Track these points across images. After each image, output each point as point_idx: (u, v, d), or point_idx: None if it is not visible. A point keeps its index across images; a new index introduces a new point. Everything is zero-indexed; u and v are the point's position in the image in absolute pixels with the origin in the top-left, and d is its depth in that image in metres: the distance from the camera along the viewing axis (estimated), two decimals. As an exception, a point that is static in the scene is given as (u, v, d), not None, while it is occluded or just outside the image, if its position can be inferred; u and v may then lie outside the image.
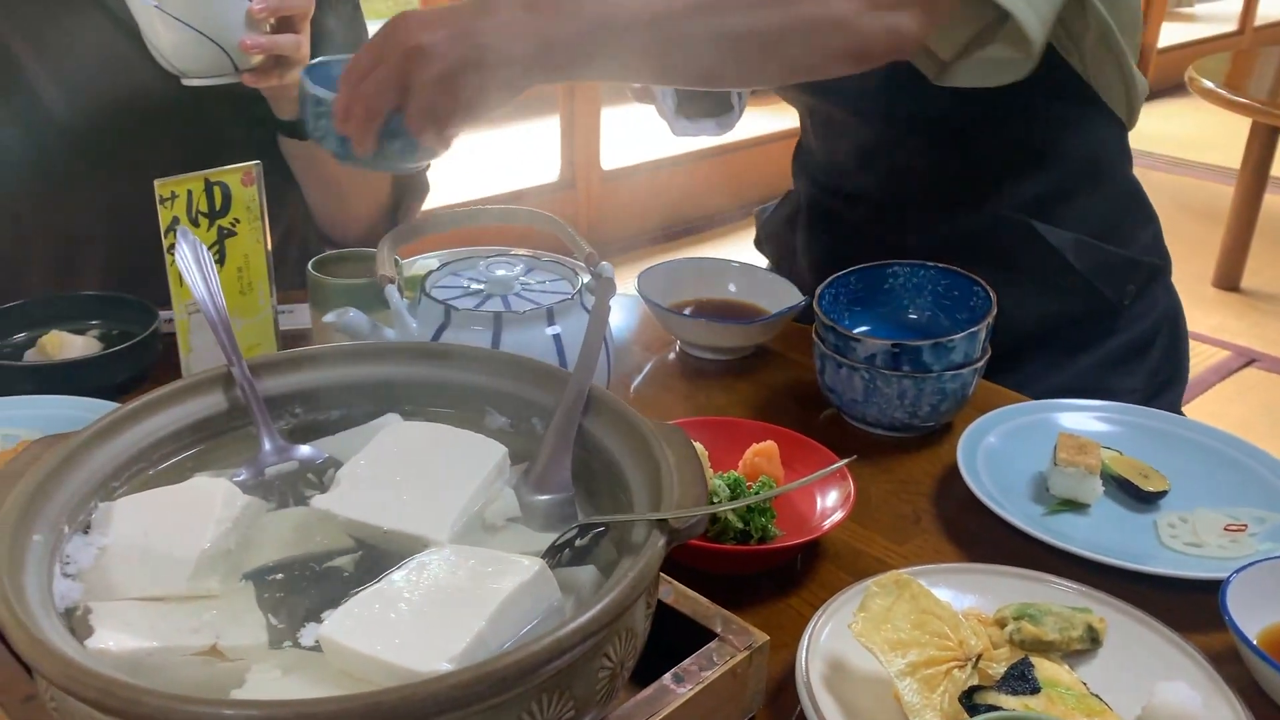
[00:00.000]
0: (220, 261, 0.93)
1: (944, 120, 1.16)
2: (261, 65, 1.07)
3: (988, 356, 1.02)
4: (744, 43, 0.89)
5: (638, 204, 3.52)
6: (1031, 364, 1.18)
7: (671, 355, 1.22)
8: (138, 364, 1.07)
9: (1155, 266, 1.22)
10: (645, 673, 0.65)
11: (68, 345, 1.08)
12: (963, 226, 1.19)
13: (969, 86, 1.01)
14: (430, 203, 1.44)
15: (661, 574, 0.72)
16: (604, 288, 0.79)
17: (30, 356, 1.09)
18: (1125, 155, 1.24)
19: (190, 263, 0.78)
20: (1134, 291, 1.20)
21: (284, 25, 1.07)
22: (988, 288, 1.04)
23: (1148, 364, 1.22)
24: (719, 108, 1.15)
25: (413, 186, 1.39)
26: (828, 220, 1.33)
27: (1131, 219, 1.24)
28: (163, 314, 1.13)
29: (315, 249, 1.22)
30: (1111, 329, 1.20)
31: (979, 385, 1.05)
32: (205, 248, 0.79)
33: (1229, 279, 3.46)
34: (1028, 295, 1.15)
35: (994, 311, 1.01)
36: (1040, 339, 1.19)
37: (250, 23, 1.03)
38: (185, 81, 1.06)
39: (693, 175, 3.70)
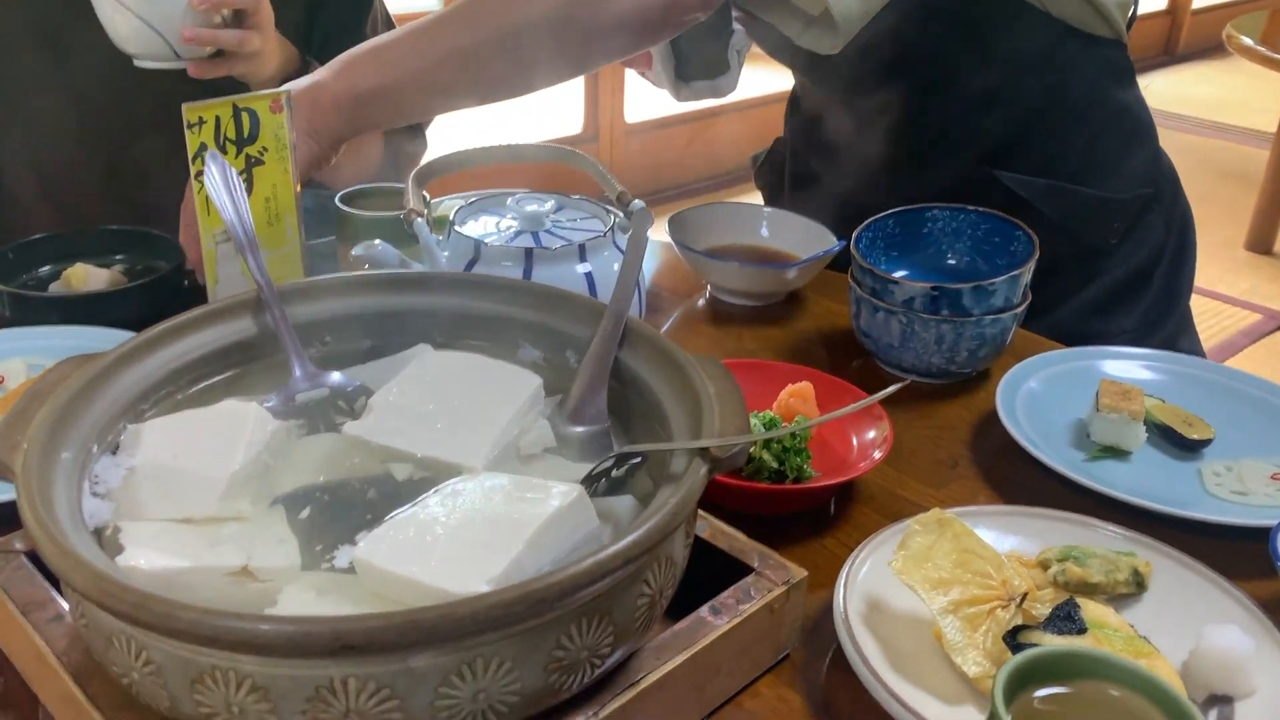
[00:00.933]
0: (248, 191, 0.91)
1: (906, 66, 1.12)
2: (207, 56, 1.09)
3: (1028, 302, 1.00)
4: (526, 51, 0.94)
5: (661, 158, 3.47)
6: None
7: (701, 301, 1.20)
8: (163, 299, 1.05)
9: (1147, 198, 1.15)
10: (681, 610, 0.63)
11: (93, 278, 1.07)
12: (931, 182, 1.14)
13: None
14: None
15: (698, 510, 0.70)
16: (641, 219, 0.77)
17: (55, 289, 1.08)
18: (1117, 73, 1.16)
19: (219, 185, 0.76)
20: (1120, 229, 1.14)
21: (237, 19, 1.09)
22: (1029, 231, 1.01)
23: (1144, 301, 1.17)
24: (714, 69, 1.12)
25: (400, 158, 1.37)
26: (805, 173, 1.31)
27: (1123, 143, 1.17)
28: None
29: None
30: (1098, 271, 1.15)
31: (1016, 334, 1.03)
32: (233, 169, 0.77)
33: (1261, 242, 3.39)
34: None
35: (1036, 255, 0.99)
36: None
37: (193, 15, 1.05)
38: (136, 63, 1.09)
39: (717, 129, 3.64)
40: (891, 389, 0.62)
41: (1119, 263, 1.16)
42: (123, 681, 0.52)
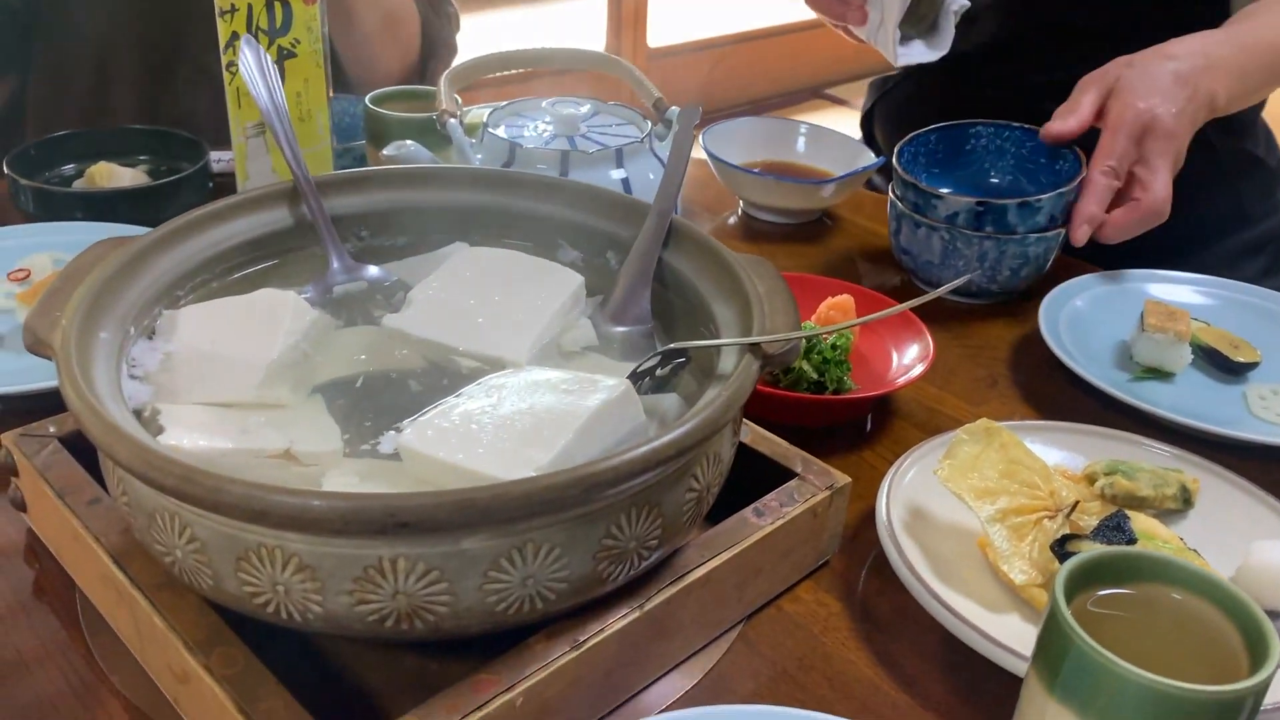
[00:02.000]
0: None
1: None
2: None
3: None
4: None
5: (685, 84, 3.41)
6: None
7: (733, 219, 1.17)
8: (187, 198, 1.04)
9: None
10: (724, 516, 0.62)
11: (117, 176, 1.05)
12: None
13: None
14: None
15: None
16: (689, 114, 0.75)
17: (78, 187, 1.06)
18: None
19: (254, 70, 0.74)
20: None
21: None
22: (1078, 151, 0.99)
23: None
24: (930, 30, 1.06)
25: (439, 48, 1.35)
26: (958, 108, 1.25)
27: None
28: (212, 154, 1.10)
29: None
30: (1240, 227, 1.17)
31: (1057, 258, 1.01)
32: (268, 55, 0.75)
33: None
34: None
35: (1083, 174, 0.96)
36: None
37: None
38: None
39: (747, 55, 3.57)
40: (939, 291, 0.60)
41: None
42: (165, 560, 0.52)
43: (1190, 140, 0.96)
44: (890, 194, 1.01)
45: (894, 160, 1.00)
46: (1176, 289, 0.97)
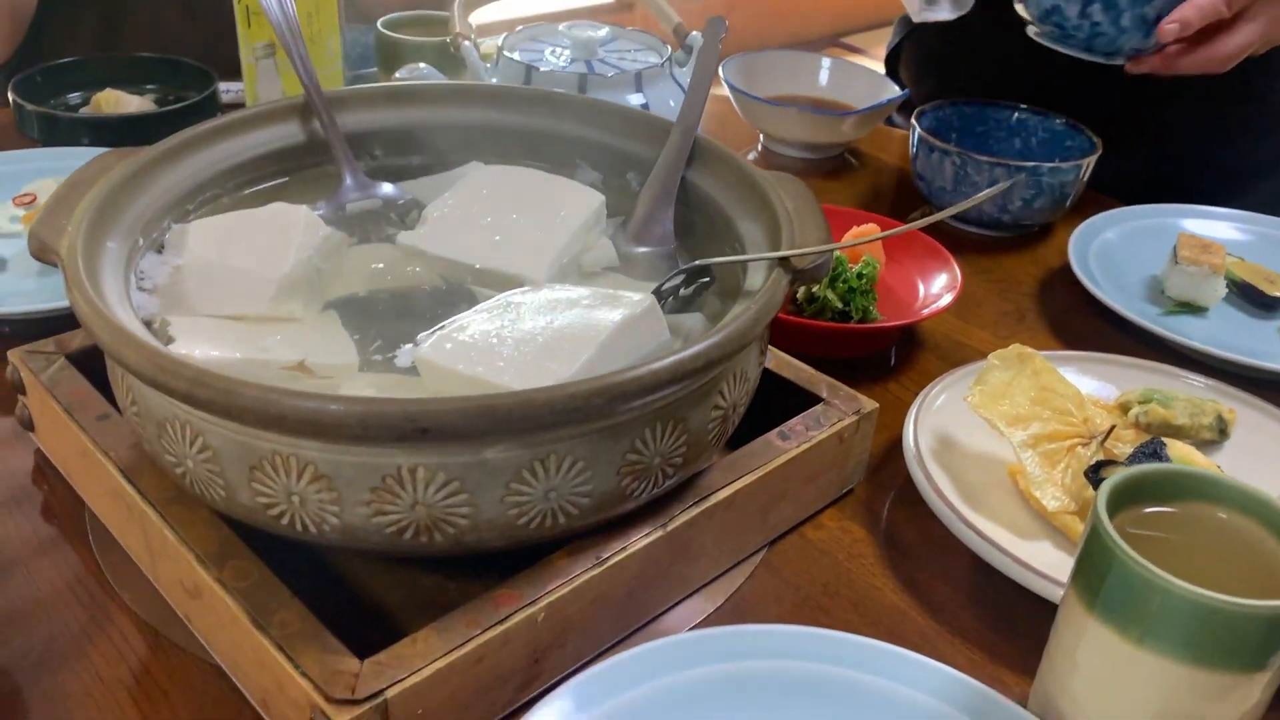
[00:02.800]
0: (290, 3, 0.86)
1: None
2: None
3: (1096, 155, 0.95)
4: None
5: (702, 24, 3.35)
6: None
7: (754, 154, 1.15)
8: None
9: None
10: (744, 441, 0.61)
11: (124, 104, 1.03)
12: None
13: None
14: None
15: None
16: (715, 25, 0.72)
17: (84, 114, 1.04)
18: None
19: (264, -19, 0.71)
20: None
21: None
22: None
23: None
24: None
25: None
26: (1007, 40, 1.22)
27: None
28: (221, 85, 1.07)
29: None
30: None
31: (1085, 196, 0.99)
32: (280, -35, 0.72)
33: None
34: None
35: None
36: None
37: None
38: None
39: (763, 3, 3.51)
40: (948, 211, 0.58)
41: None
42: (176, 471, 0.50)
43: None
44: (912, 121, 0.98)
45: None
46: (1211, 224, 0.94)
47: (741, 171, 0.64)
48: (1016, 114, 1.04)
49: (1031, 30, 0.95)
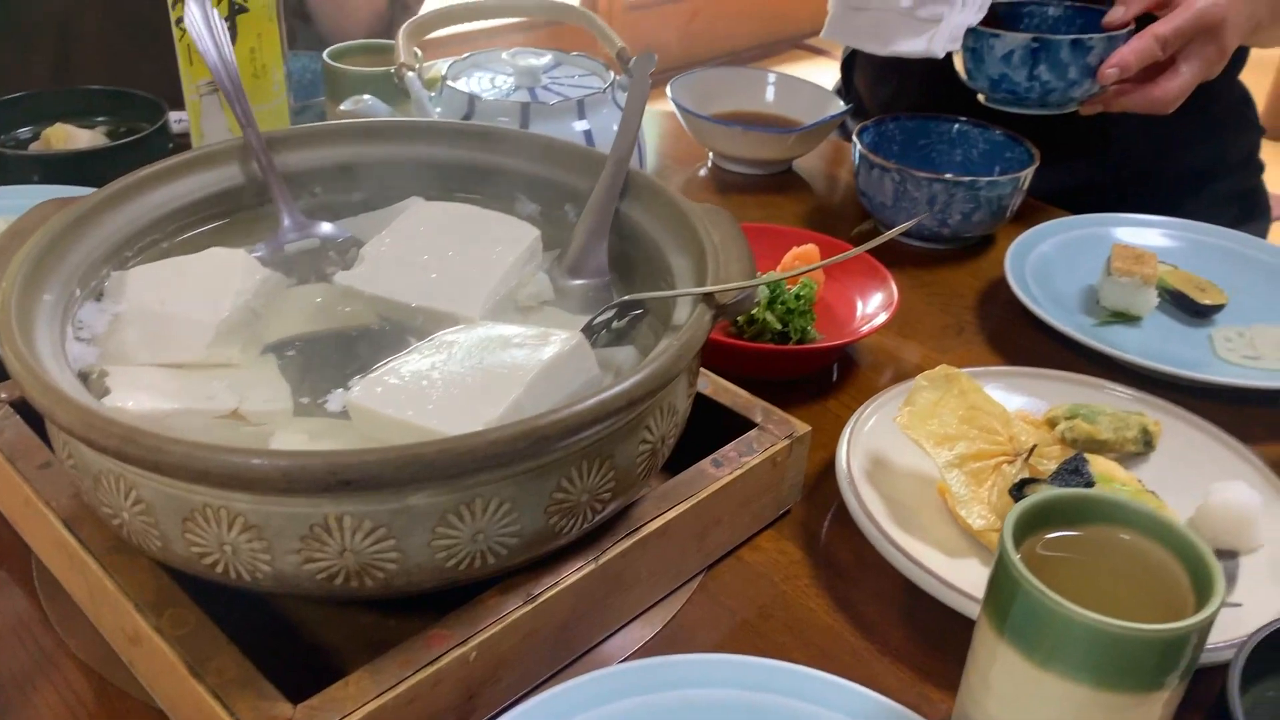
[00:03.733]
0: (231, 40, 0.86)
1: None
2: None
3: (1033, 167, 0.97)
4: None
5: (664, 36, 3.36)
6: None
7: (703, 171, 1.16)
8: (146, 159, 1.01)
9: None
10: (682, 469, 0.62)
11: (74, 138, 1.04)
12: None
13: None
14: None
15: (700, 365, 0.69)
16: (644, 61, 0.74)
17: (35, 150, 1.04)
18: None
19: (200, 26, 0.72)
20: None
21: None
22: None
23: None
24: None
25: (398, 12, 1.33)
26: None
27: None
28: (172, 114, 1.08)
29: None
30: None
31: (1026, 204, 1.01)
32: (215, 10, 0.73)
33: (1275, 129, 3.32)
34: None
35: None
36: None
37: None
38: None
39: (724, 6, 3.52)
40: (886, 235, 0.60)
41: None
42: (113, 523, 0.51)
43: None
44: (854, 137, 1.00)
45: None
46: (1144, 232, 0.96)
47: (671, 204, 0.66)
48: (957, 126, 1.06)
49: (982, 98, 1.00)
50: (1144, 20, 0.96)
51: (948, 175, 0.94)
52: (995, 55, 0.95)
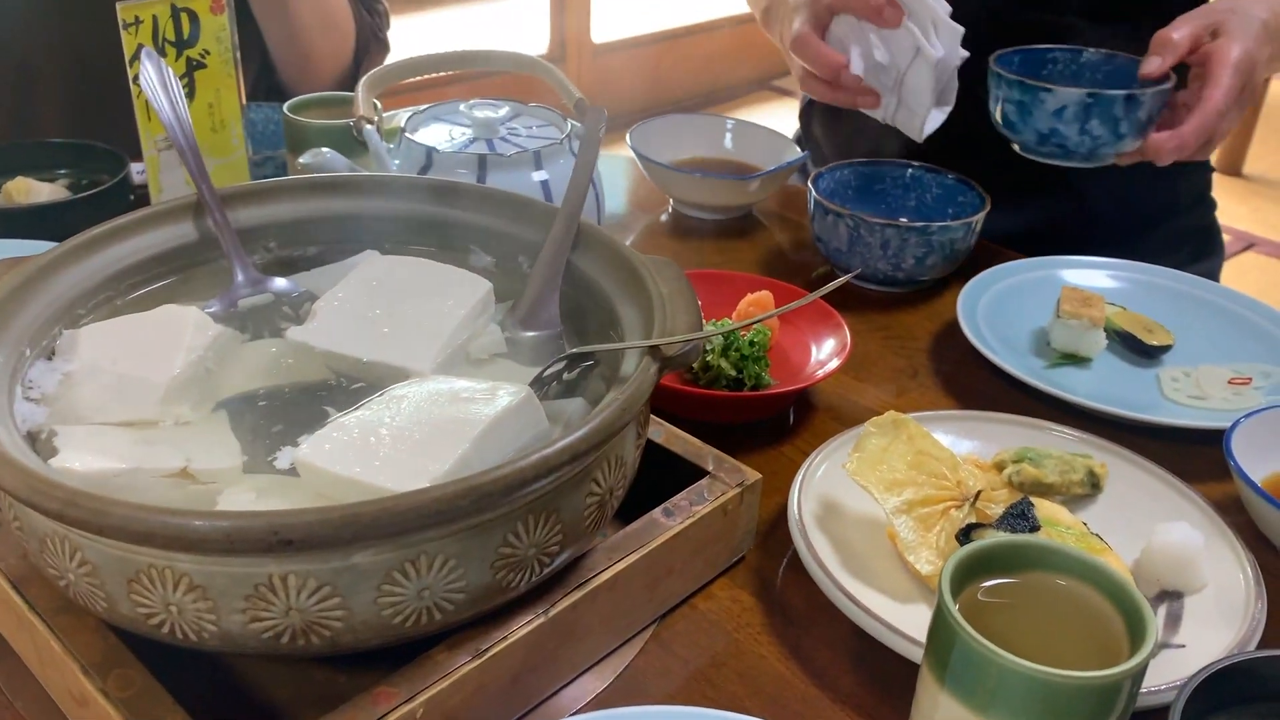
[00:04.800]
0: (190, 96, 0.88)
1: None
2: None
3: (985, 210, 0.99)
4: None
5: (632, 79, 3.41)
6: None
7: (664, 216, 1.18)
8: (108, 212, 1.02)
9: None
10: (635, 517, 0.63)
11: (35, 192, 1.04)
12: None
13: None
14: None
15: (654, 416, 0.70)
16: (594, 116, 0.75)
17: (-5, 204, 1.05)
18: None
19: (155, 85, 0.73)
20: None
21: None
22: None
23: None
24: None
25: (371, 45, 1.35)
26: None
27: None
28: (134, 165, 1.08)
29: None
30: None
31: (981, 246, 1.03)
32: (170, 69, 0.74)
33: (1231, 164, 3.39)
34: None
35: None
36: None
37: None
38: None
39: (692, 48, 3.57)
40: (832, 285, 0.61)
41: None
42: (59, 584, 0.51)
43: None
44: (809, 185, 1.02)
45: (992, 63, 0.99)
46: (1093, 274, 0.98)
47: (620, 256, 0.67)
48: (910, 170, 1.08)
49: (1017, 148, 1.00)
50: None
51: (901, 220, 0.96)
52: (1046, 109, 0.95)
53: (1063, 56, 1.06)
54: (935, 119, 0.99)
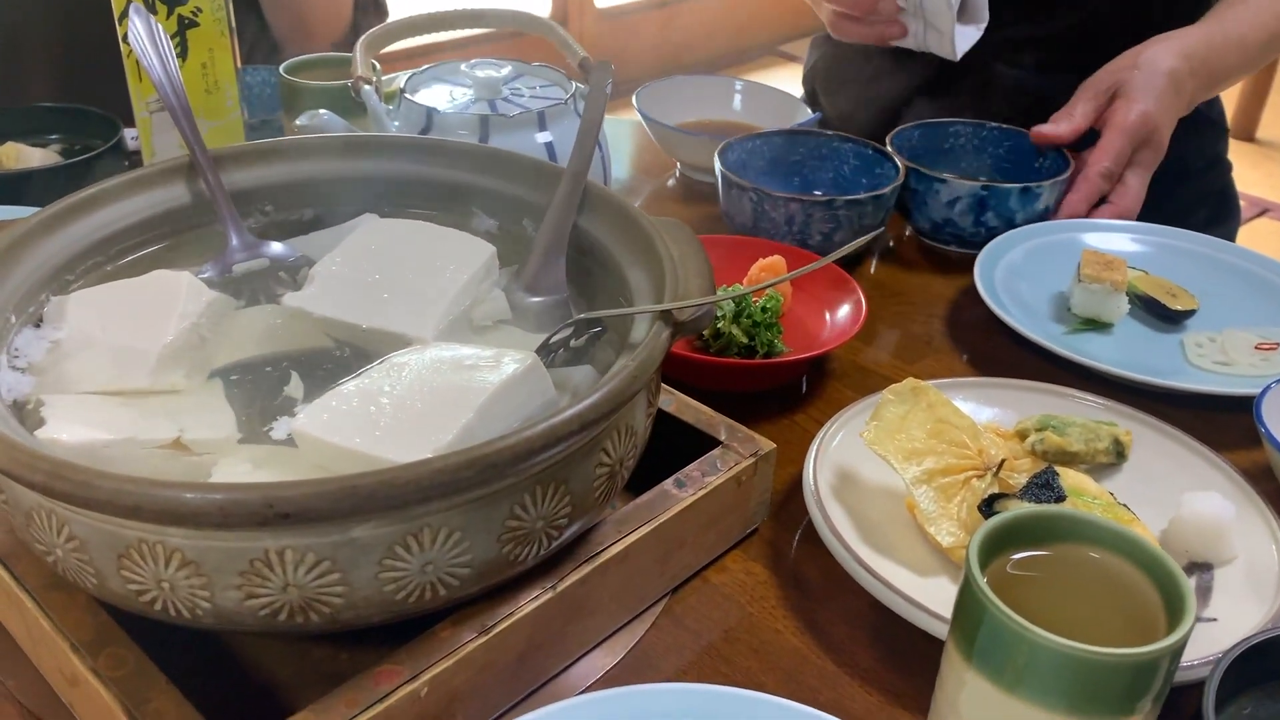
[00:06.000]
0: (182, 56, 0.85)
1: None
2: None
3: (898, 183, 0.94)
4: None
5: (635, 46, 3.35)
6: None
7: (671, 181, 1.15)
8: (99, 177, 0.99)
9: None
10: (646, 488, 0.61)
11: (25, 157, 1.01)
12: None
13: None
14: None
15: (664, 385, 0.67)
16: (600, 72, 0.72)
17: (-14, 170, 1.02)
18: None
19: (144, 41, 0.70)
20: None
21: None
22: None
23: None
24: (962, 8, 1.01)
25: (368, 5, 1.31)
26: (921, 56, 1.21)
27: None
28: (128, 131, 1.06)
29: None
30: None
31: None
32: (160, 25, 0.71)
33: (1245, 129, 3.34)
34: None
35: (1071, 169, 0.97)
36: None
37: None
38: None
39: (695, 14, 3.51)
40: (846, 249, 0.58)
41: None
42: (47, 559, 0.49)
43: None
44: (715, 156, 0.96)
45: (888, 143, 0.99)
46: (1114, 237, 0.95)
47: (629, 218, 0.64)
48: (831, 142, 1.02)
49: (917, 233, 1.00)
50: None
51: (814, 194, 0.92)
52: (940, 200, 0.94)
53: (964, 130, 1.05)
54: (966, 35, 0.96)
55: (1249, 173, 3.11)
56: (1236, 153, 1.28)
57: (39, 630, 0.51)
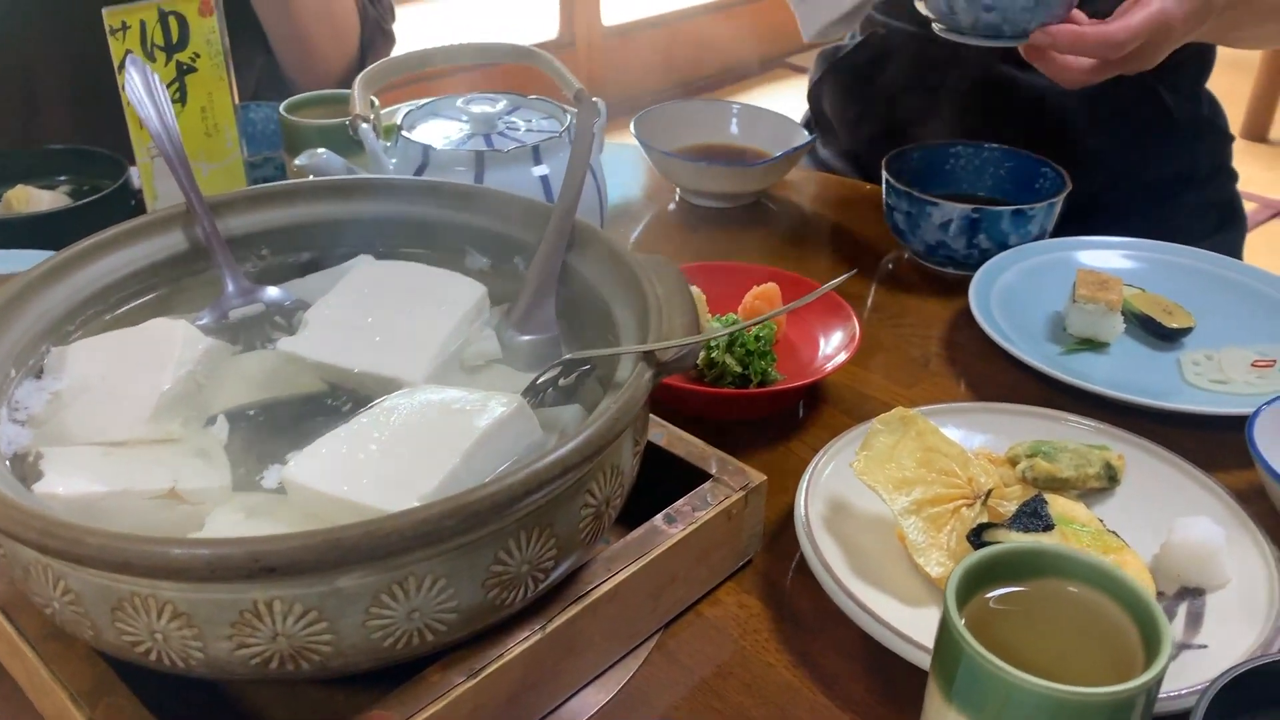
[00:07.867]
0: (181, 101, 0.86)
1: None
2: None
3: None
4: None
5: (643, 62, 3.37)
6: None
7: (672, 205, 1.16)
8: (109, 218, 1.01)
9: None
10: (640, 521, 0.61)
11: (35, 200, 1.03)
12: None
13: None
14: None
15: (655, 417, 0.68)
16: (586, 110, 0.73)
17: (-3, 213, 1.04)
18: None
19: (140, 91, 0.72)
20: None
21: None
22: (1057, 168, 0.99)
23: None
24: None
25: (376, 37, 1.33)
26: (928, 64, 1.20)
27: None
28: (133, 170, 1.07)
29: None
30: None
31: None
32: (155, 74, 0.73)
33: (1257, 130, 3.32)
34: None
35: (1067, 190, 0.97)
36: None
37: None
38: None
39: (703, 29, 3.52)
40: (835, 282, 0.59)
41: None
42: (45, 611, 0.50)
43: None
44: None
45: (883, 169, 0.99)
46: (1109, 255, 0.95)
47: (616, 256, 0.65)
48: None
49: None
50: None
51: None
52: (933, 223, 0.95)
53: (965, 152, 1.06)
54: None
55: (1262, 175, 3.09)
56: (1249, 155, 1.28)
57: (39, 679, 0.53)
